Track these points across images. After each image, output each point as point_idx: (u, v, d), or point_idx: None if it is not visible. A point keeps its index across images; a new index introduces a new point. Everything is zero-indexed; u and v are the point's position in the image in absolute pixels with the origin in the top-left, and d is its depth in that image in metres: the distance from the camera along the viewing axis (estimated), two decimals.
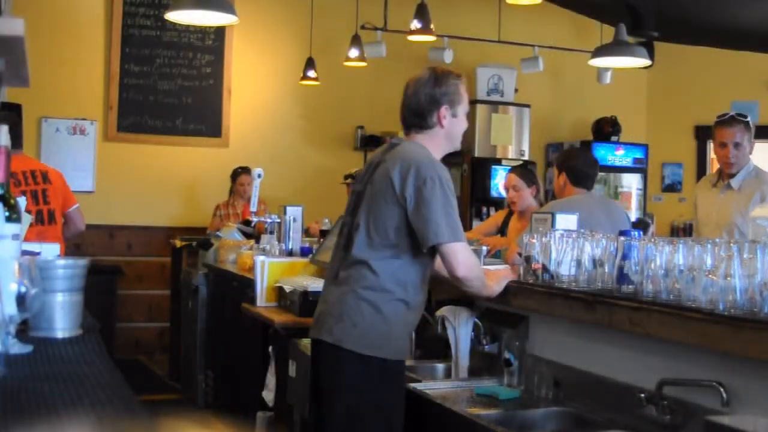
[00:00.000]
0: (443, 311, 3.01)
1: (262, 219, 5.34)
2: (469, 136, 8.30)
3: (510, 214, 5.00)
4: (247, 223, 6.10)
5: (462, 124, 2.86)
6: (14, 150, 2.34)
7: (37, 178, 4.56)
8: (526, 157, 8.13)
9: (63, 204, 4.68)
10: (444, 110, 2.78)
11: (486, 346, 2.95)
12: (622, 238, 2.41)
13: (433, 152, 2.81)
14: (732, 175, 4.12)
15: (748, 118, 4.04)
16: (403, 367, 2.75)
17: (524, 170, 4.89)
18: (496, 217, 5.38)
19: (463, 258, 2.64)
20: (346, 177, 7.22)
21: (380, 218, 2.69)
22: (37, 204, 4.50)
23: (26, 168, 4.55)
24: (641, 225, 7.24)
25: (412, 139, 2.84)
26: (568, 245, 2.58)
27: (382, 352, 2.62)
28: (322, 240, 4.76)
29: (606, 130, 8.59)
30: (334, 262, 2.83)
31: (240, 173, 7.11)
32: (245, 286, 4.61)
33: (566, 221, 2.93)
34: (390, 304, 2.65)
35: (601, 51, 5.13)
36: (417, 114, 2.80)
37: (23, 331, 1.88)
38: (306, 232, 5.75)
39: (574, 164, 4.38)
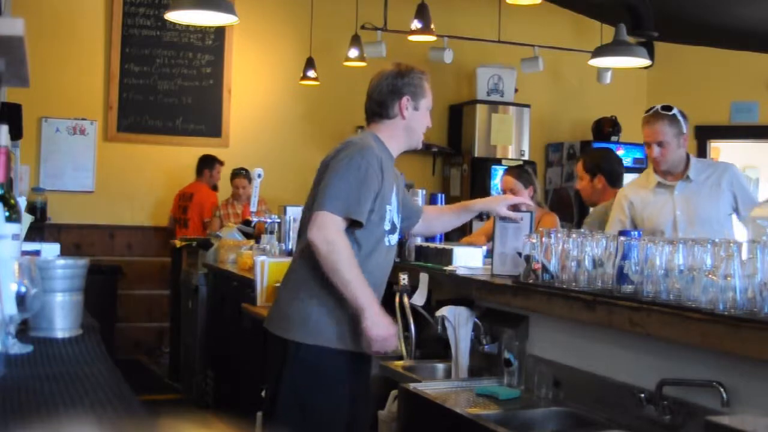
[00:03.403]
0: (443, 311, 3.01)
1: (262, 219, 5.34)
2: (469, 136, 8.32)
3: None
4: (247, 223, 6.10)
5: (423, 120, 2.84)
6: None
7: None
8: (526, 157, 8.13)
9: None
10: (405, 101, 2.78)
11: (486, 346, 2.95)
12: (622, 238, 2.41)
13: (390, 144, 2.80)
14: (669, 172, 3.74)
15: (674, 111, 3.61)
16: (339, 354, 2.65)
17: (520, 171, 4.87)
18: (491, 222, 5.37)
19: (320, 225, 2.53)
20: None
21: (310, 199, 2.72)
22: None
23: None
24: None
25: (370, 129, 2.83)
26: (568, 245, 2.58)
27: (299, 335, 2.62)
28: None
29: (606, 130, 8.59)
30: None
31: (236, 175, 7.12)
32: (245, 286, 4.61)
33: None
34: (306, 285, 2.64)
35: (601, 51, 5.12)
36: (379, 103, 2.80)
37: (23, 331, 1.88)
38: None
39: (610, 166, 4.41)
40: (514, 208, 2.99)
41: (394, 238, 2.85)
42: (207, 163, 7.40)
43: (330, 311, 2.64)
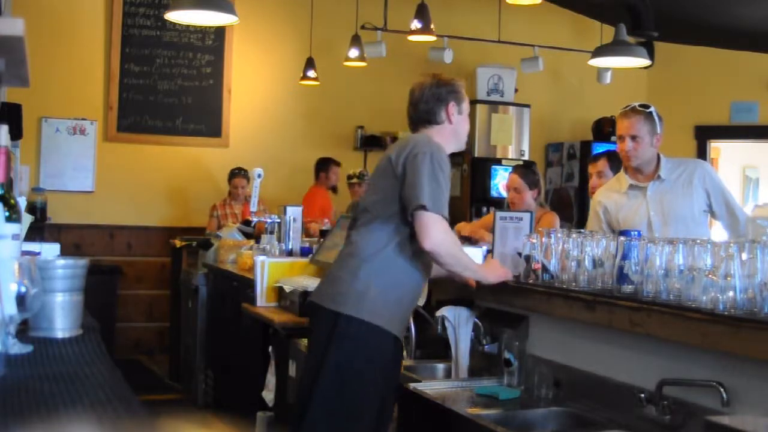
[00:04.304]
0: (443, 311, 3.01)
1: (262, 219, 5.34)
2: (469, 136, 8.27)
3: None
4: (247, 223, 6.10)
5: (466, 124, 3.01)
6: None
7: None
8: (526, 157, 8.13)
9: None
10: (452, 107, 2.93)
11: (486, 346, 2.95)
12: (622, 238, 2.41)
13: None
14: (639, 170, 3.71)
15: (651, 109, 3.62)
16: (386, 336, 2.72)
17: (527, 171, 4.83)
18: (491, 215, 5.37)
19: (435, 231, 2.66)
20: (350, 177, 7.23)
21: (376, 193, 2.84)
22: None
23: None
24: None
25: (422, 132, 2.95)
26: (568, 245, 2.58)
27: (353, 310, 2.69)
28: (322, 240, 4.76)
29: (606, 130, 8.58)
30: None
31: (235, 175, 7.12)
32: (245, 286, 4.61)
33: None
34: (365, 267, 2.73)
35: (601, 51, 5.12)
36: (426, 111, 2.94)
37: (23, 331, 1.88)
38: (306, 232, 5.76)
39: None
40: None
41: None
42: (322, 166, 7.37)
43: (386, 294, 2.73)
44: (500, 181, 7.95)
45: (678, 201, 3.62)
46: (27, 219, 2.13)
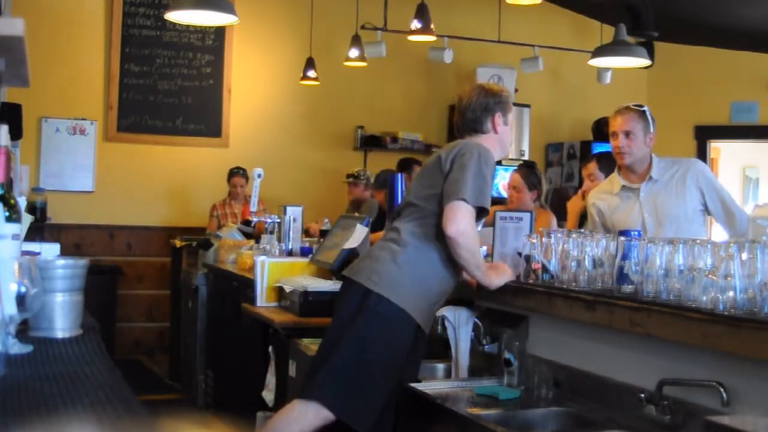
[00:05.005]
0: (443, 311, 3.01)
1: (262, 219, 5.34)
2: None
3: None
4: (247, 223, 6.10)
5: (510, 133, 3.14)
6: None
7: None
8: (526, 157, 8.13)
9: None
10: (498, 117, 3.05)
11: (486, 346, 2.95)
12: (622, 238, 2.41)
13: None
14: (632, 169, 3.68)
15: (645, 108, 3.65)
16: (410, 321, 2.80)
17: (529, 172, 4.82)
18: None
19: (463, 220, 2.74)
20: (348, 177, 7.23)
21: (423, 189, 2.94)
22: None
23: None
24: None
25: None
26: (568, 245, 2.58)
27: (385, 291, 2.78)
28: (322, 240, 4.76)
29: (606, 130, 8.56)
30: None
31: (234, 174, 7.12)
32: (245, 286, 4.61)
33: None
34: (405, 254, 2.84)
35: (601, 51, 5.13)
36: (473, 120, 3.04)
37: (23, 331, 1.88)
38: (306, 232, 5.75)
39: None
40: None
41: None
42: (404, 166, 7.09)
43: (420, 284, 2.83)
44: (500, 180, 7.95)
45: (672, 201, 3.60)
46: (27, 219, 2.13)
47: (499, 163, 8.25)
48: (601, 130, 8.62)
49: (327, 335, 2.91)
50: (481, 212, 2.87)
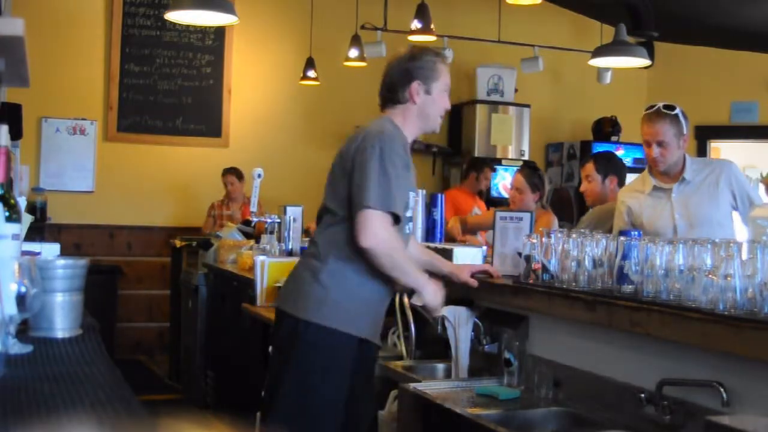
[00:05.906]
0: (443, 311, 3.01)
1: (262, 219, 5.34)
2: (469, 136, 8.32)
3: None
4: (247, 223, 6.10)
5: (439, 104, 2.78)
6: None
7: None
8: (526, 157, 8.13)
9: None
10: (416, 85, 2.72)
11: (486, 346, 2.95)
12: (622, 238, 2.41)
13: (405, 129, 2.75)
14: (666, 172, 3.64)
15: (677, 110, 3.51)
16: (349, 339, 2.65)
17: (532, 174, 4.79)
18: (491, 212, 5.35)
19: (374, 228, 2.53)
20: None
21: (333, 191, 2.72)
22: None
23: None
24: None
25: (385, 114, 2.79)
26: (568, 245, 2.58)
27: (313, 315, 2.61)
28: None
29: (606, 130, 8.59)
30: None
31: (225, 173, 7.15)
32: (245, 286, 4.61)
33: None
34: (326, 270, 2.63)
35: (601, 51, 5.12)
36: (390, 88, 2.76)
37: (23, 331, 1.88)
38: (306, 232, 5.75)
39: (621, 168, 4.41)
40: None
41: (410, 227, 2.85)
42: (474, 165, 7.04)
43: (350, 298, 2.65)
44: (500, 181, 7.96)
45: (704, 203, 3.55)
46: (27, 219, 2.13)
47: (498, 163, 8.28)
48: (602, 130, 8.64)
49: (269, 371, 2.76)
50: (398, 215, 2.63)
